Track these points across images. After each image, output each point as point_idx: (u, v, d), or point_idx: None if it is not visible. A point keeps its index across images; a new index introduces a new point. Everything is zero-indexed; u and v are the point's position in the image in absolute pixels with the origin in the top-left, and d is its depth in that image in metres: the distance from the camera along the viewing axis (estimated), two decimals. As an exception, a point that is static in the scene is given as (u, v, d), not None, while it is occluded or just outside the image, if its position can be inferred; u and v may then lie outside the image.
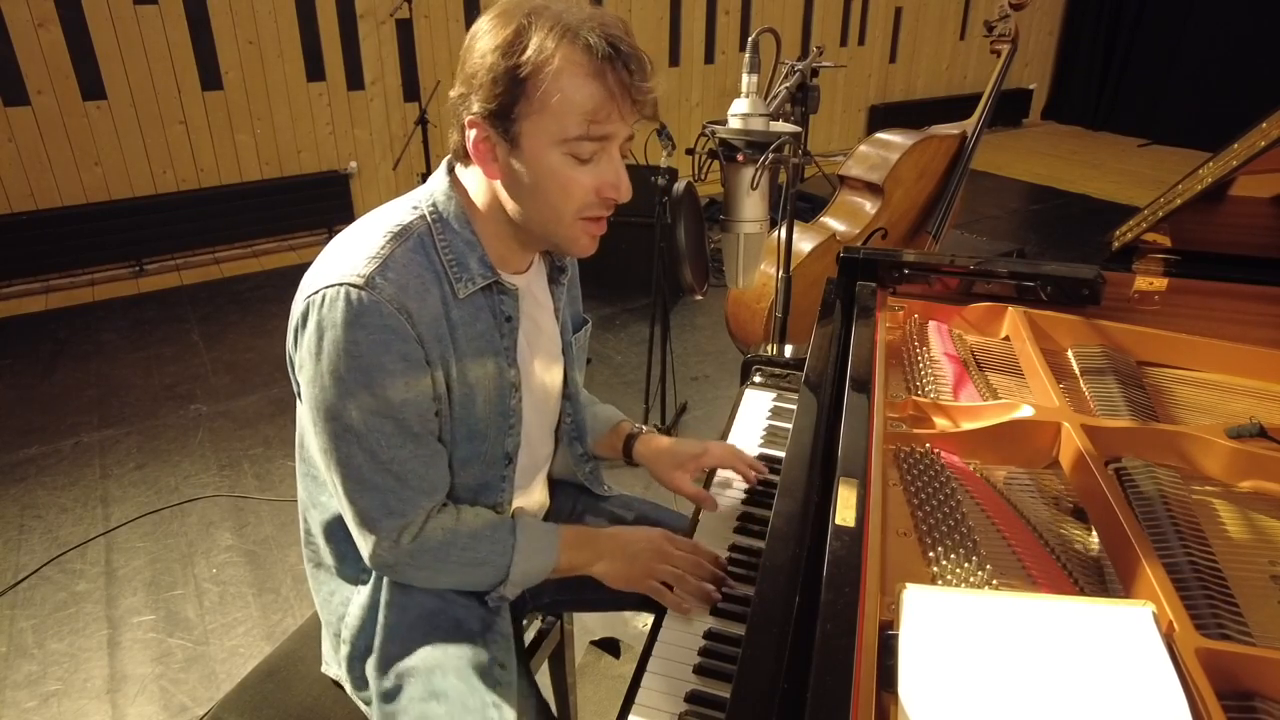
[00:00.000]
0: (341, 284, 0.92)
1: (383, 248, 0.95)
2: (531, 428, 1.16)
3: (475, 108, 0.92)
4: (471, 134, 0.94)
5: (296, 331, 0.97)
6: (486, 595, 1.11)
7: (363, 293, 0.91)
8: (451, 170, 1.04)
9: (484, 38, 0.91)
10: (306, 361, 0.95)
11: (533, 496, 1.28)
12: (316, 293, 0.93)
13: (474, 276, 1.01)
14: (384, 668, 1.08)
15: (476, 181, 1.01)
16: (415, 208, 1.01)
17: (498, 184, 0.98)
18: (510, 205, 0.98)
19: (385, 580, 1.10)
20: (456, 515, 1.06)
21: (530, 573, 1.10)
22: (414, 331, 0.94)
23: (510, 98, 0.90)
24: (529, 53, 0.88)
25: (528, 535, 1.10)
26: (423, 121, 4.65)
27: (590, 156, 0.94)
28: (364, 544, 1.02)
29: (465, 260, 1.00)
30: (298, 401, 1.07)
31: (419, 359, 0.96)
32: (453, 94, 0.95)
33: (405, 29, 4.74)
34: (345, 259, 0.95)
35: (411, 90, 4.84)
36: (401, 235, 0.98)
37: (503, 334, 1.05)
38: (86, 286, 4.19)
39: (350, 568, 1.13)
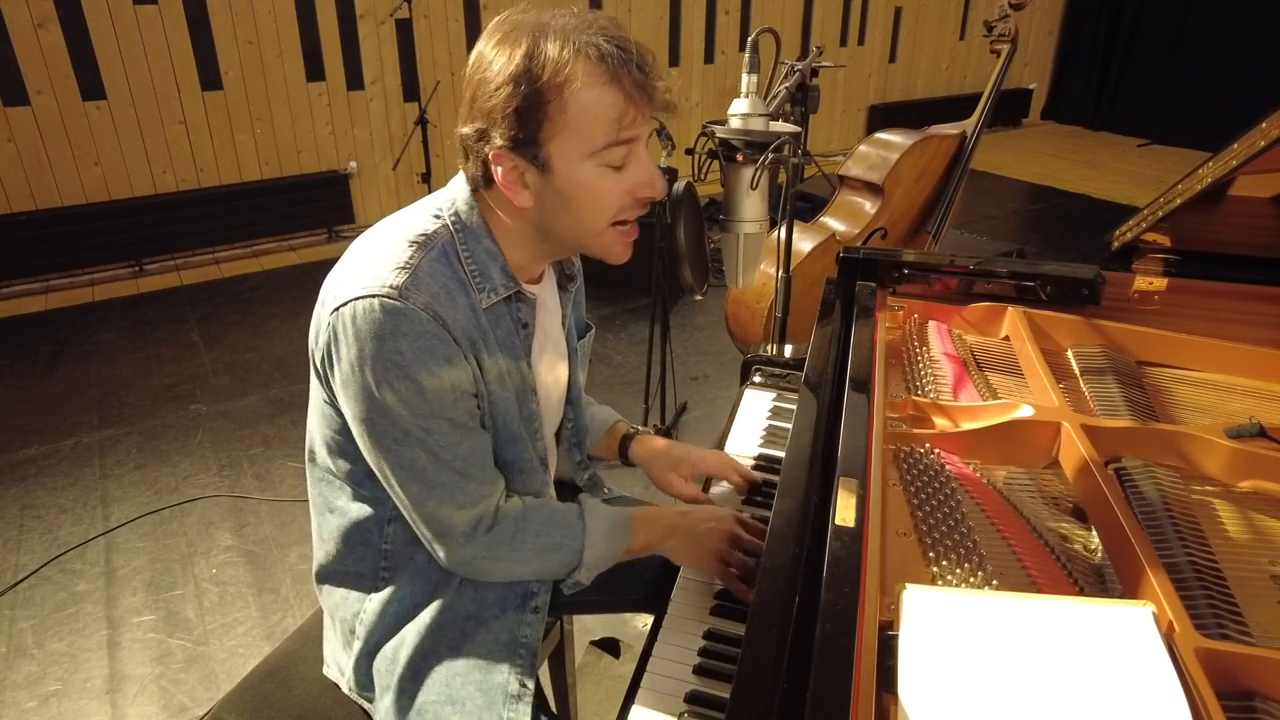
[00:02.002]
0: (373, 295, 0.91)
1: (410, 257, 0.95)
2: (544, 434, 1.16)
3: (499, 141, 0.91)
4: (499, 169, 0.94)
5: (329, 347, 0.95)
6: (562, 583, 1.11)
7: (397, 303, 0.91)
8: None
9: (493, 67, 0.90)
10: (350, 377, 0.94)
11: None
12: (346, 304, 0.92)
13: (496, 286, 1.01)
14: (406, 670, 1.08)
15: (500, 203, 1.00)
16: (437, 216, 1.00)
17: (528, 209, 0.97)
18: (545, 224, 0.99)
19: (417, 584, 1.10)
20: (524, 505, 1.08)
21: (604, 555, 1.10)
22: (450, 336, 0.95)
23: (535, 125, 0.90)
24: (546, 75, 0.88)
25: (597, 518, 1.11)
26: (422, 121, 4.65)
27: (622, 162, 0.94)
28: (441, 545, 1.02)
29: (488, 270, 1.00)
30: (313, 408, 1.06)
31: (460, 360, 0.96)
32: (465, 130, 0.94)
33: (405, 29, 4.74)
34: (372, 269, 0.94)
35: (411, 90, 4.84)
36: (426, 244, 0.97)
37: (520, 340, 1.06)
38: (86, 286, 4.19)
39: (370, 567, 1.12)
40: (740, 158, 1.18)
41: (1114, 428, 1.07)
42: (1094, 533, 0.95)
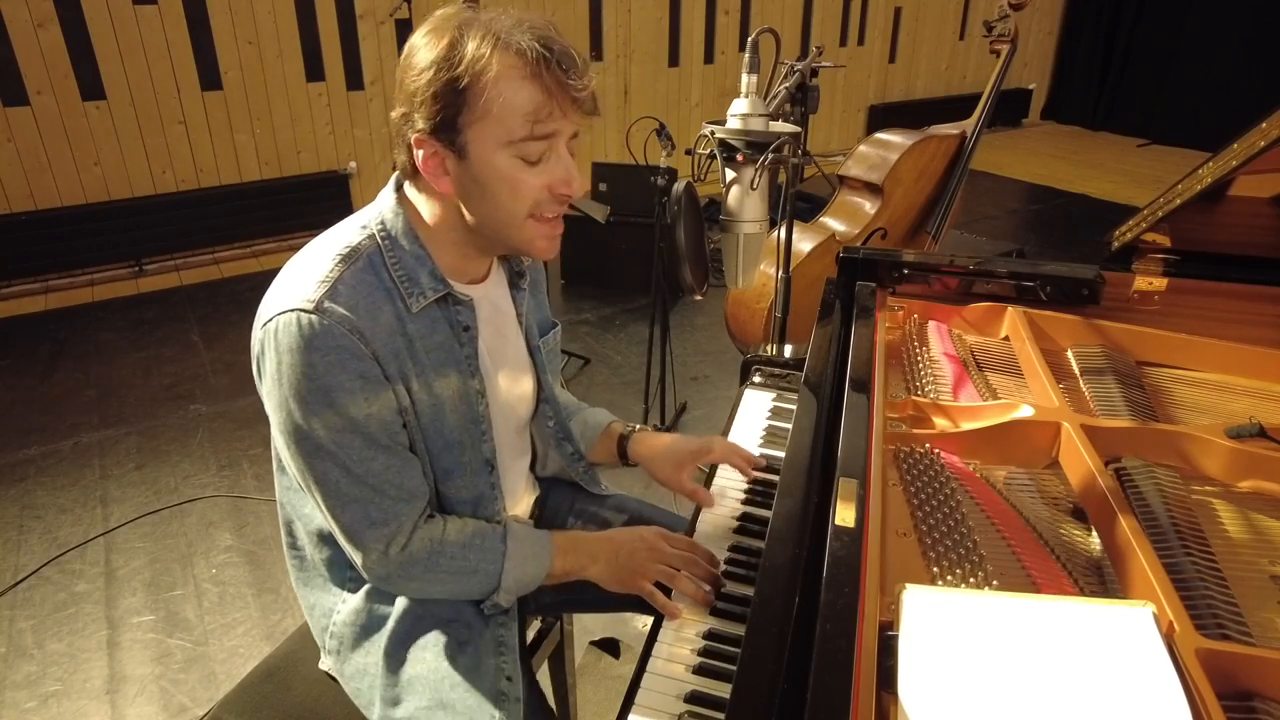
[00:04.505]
0: (292, 310, 0.93)
1: (331, 270, 0.97)
2: (501, 434, 1.16)
3: (420, 125, 0.93)
4: (420, 153, 0.96)
5: (258, 360, 0.98)
6: (482, 604, 1.11)
7: (313, 317, 0.93)
8: (399, 188, 1.05)
9: (419, 54, 0.92)
10: (271, 388, 0.97)
11: (518, 503, 1.29)
12: (270, 320, 0.95)
13: (425, 290, 1.01)
14: (387, 675, 1.08)
15: (426, 196, 1.02)
16: (364, 228, 1.02)
17: (449, 196, 0.99)
18: (466, 215, 0.99)
19: (382, 590, 1.11)
20: (444, 525, 1.07)
21: (524, 580, 1.10)
22: (368, 349, 0.96)
23: (453, 110, 0.91)
24: (465, 63, 0.90)
25: (519, 542, 1.10)
26: (422, 121, 4.65)
27: (539, 157, 0.95)
28: (356, 557, 1.04)
29: (415, 275, 1.01)
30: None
31: (376, 376, 0.97)
32: (394, 114, 0.96)
33: (405, 29, 4.73)
34: (296, 284, 0.96)
35: (411, 90, 4.84)
36: (350, 257, 0.99)
37: (462, 344, 1.06)
38: (86, 287, 4.18)
39: (338, 573, 1.14)
40: (740, 158, 1.18)
41: (1114, 428, 1.07)
42: (1093, 533, 0.95)
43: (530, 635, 1.41)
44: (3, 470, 2.74)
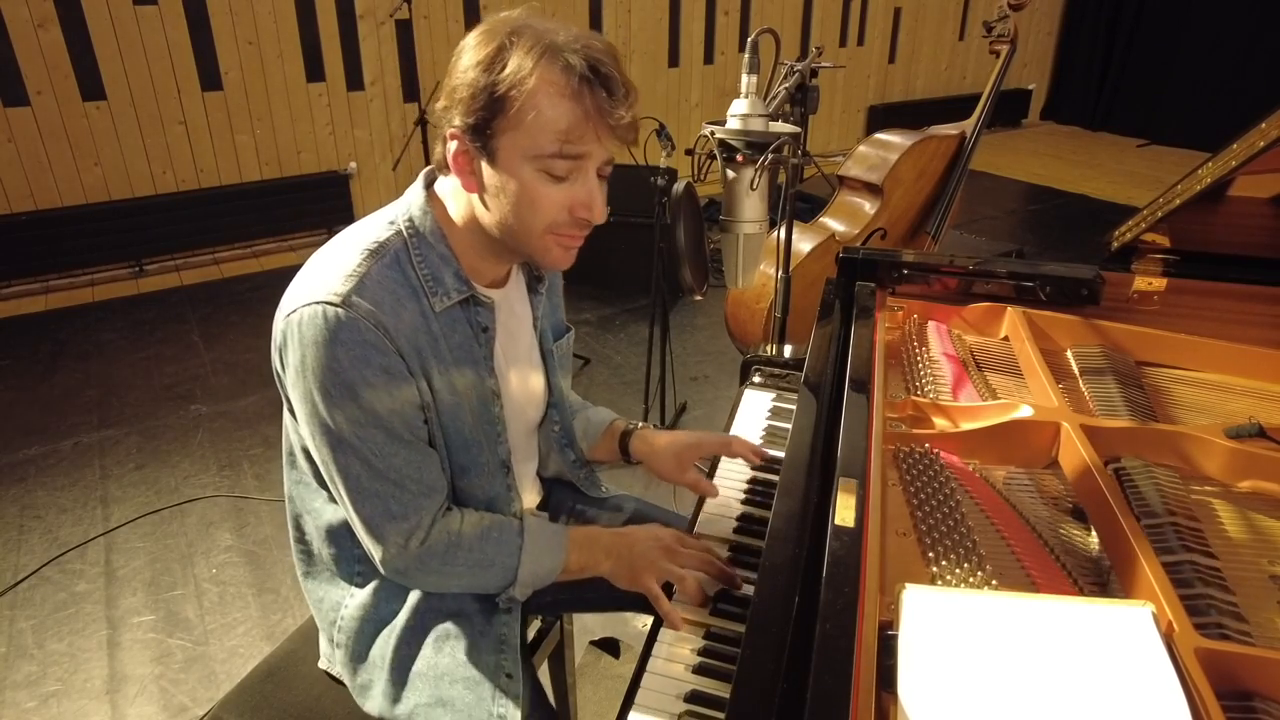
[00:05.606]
0: (318, 302, 0.94)
1: (359, 265, 0.97)
2: (513, 437, 1.17)
3: (456, 121, 0.94)
4: (452, 146, 0.96)
5: (281, 351, 0.98)
6: (497, 597, 1.12)
7: (339, 310, 0.93)
8: (429, 185, 1.05)
9: (468, 53, 0.93)
10: (295, 380, 0.97)
11: (524, 501, 1.29)
12: (295, 311, 0.95)
13: (449, 291, 1.02)
14: (391, 671, 1.09)
15: (454, 194, 1.02)
16: (392, 223, 1.03)
17: (474, 196, 0.99)
18: (485, 217, 1.00)
19: (391, 584, 1.11)
20: (461, 519, 1.07)
21: (539, 574, 1.10)
22: (392, 345, 0.96)
23: (488, 113, 0.92)
24: (507, 70, 0.90)
25: (535, 537, 1.11)
26: (422, 122, 4.65)
27: (566, 175, 0.95)
28: (375, 551, 1.04)
29: (440, 275, 1.02)
30: (285, 414, 1.08)
31: (400, 371, 0.97)
32: (437, 106, 0.97)
33: (405, 29, 4.74)
34: (323, 277, 0.96)
35: (411, 91, 4.84)
36: (378, 252, 0.99)
37: (480, 344, 1.07)
38: (86, 287, 4.19)
39: (346, 568, 1.14)
40: (740, 158, 1.18)
41: (1113, 428, 1.07)
42: (1093, 533, 0.95)
43: (530, 635, 1.41)
44: (3, 470, 2.75)
